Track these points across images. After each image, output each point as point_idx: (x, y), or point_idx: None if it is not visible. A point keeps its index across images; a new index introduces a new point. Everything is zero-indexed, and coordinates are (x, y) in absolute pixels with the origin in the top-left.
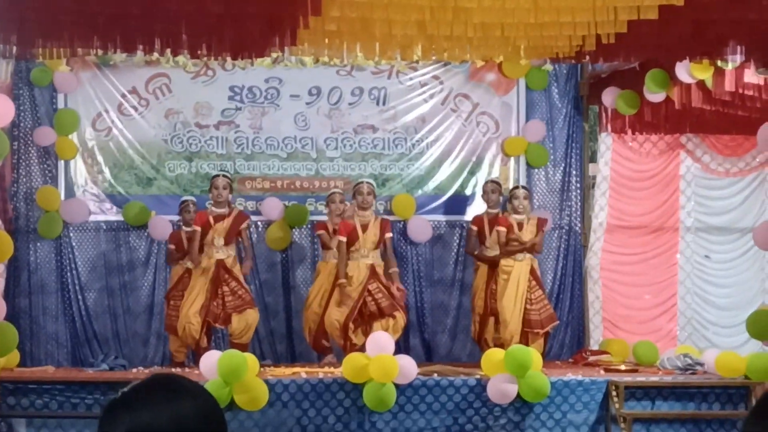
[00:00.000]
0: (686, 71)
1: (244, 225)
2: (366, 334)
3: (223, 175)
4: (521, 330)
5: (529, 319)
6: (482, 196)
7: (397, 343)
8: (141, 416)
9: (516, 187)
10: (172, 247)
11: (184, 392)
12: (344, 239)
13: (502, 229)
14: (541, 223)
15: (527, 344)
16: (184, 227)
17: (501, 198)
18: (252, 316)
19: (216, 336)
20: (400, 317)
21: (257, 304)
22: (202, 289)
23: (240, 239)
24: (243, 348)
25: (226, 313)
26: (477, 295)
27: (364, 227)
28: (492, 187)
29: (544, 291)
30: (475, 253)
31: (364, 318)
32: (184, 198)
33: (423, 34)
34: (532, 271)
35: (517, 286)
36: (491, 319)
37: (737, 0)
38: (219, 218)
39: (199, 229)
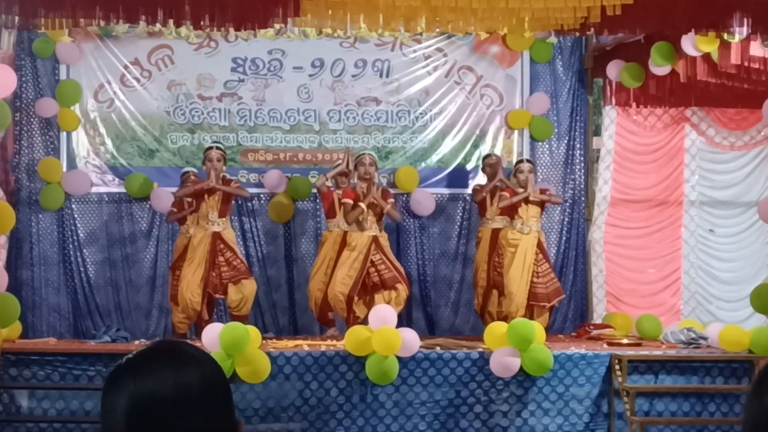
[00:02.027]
0: (692, 44)
1: (233, 183)
2: (368, 305)
3: (217, 147)
4: (527, 303)
5: (535, 292)
6: (482, 170)
7: (399, 316)
8: (145, 382)
9: (520, 161)
10: (174, 209)
11: (190, 359)
12: (351, 202)
13: (506, 194)
14: (544, 190)
15: (532, 318)
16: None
17: (502, 170)
18: (248, 287)
19: (218, 309)
20: (402, 289)
21: (260, 277)
22: (201, 260)
23: (234, 199)
24: (243, 320)
25: (223, 284)
26: (480, 267)
27: (366, 197)
28: (493, 161)
29: (550, 264)
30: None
31: (367, 289)
32: (186, 169)
33: (427, 5)
34: (539, 245)
35: (524, 259)
36: (494, 292)
37: None
38: (211, 191)
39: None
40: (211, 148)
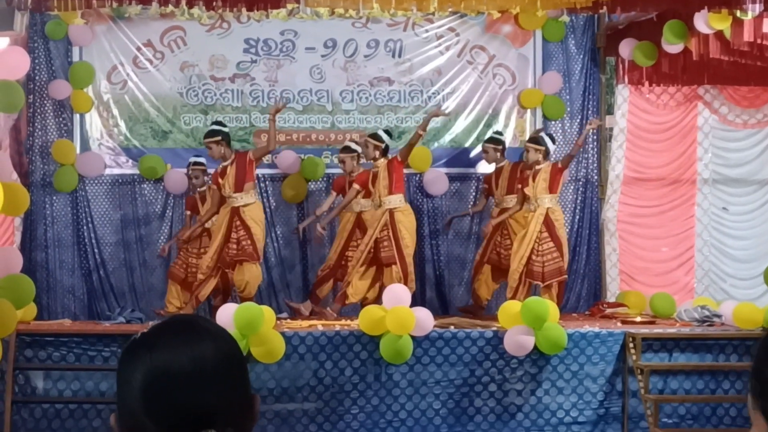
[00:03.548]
0: (704, 22)
1: (249, 154)
2: (374, 280)
3: (195, 163)
4: (522, 279)
5: (531, 269)
6: (484, 152)
7: (413, 296)
8: (161, 356)
9: (531, 141)
10: (188, 213)
11: (205, 334)
12: (360, 189)
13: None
14: (554, 168)
15: (517, 292)
16: (199, 189)
17: (503, 152)
18: (250, 271)
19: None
20: (396, 270)
21: (274, 258)
22: (216, 237)
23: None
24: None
25: (231, 261)
26: (486, 248)
27: (374, 177)
28: (485, 147)
29: (558, 245)
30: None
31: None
32: (193, 159)
33: None
34: (547, 222)
35: (524, 235)
36: (487, 268)
37: None
38: (223, 171)
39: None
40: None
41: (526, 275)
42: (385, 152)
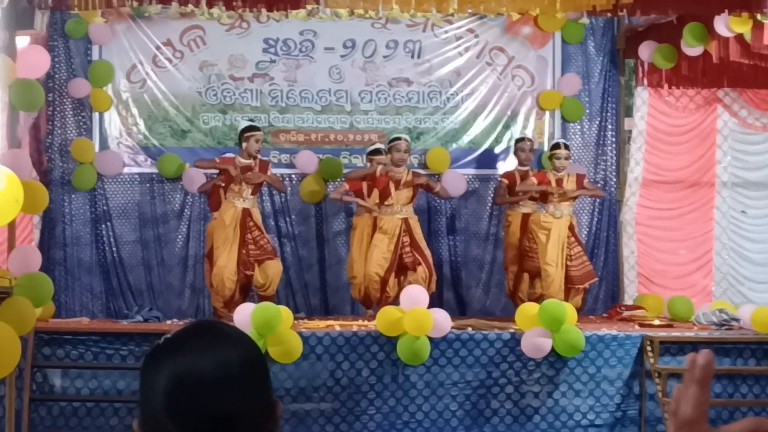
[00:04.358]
0: (724, 24)
1: (269, 171)
2: (400, 285)
3: (259, 129)
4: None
5: (570, 275)
6: (515, 153)
7: (431, 297)
8: (185, 361)
9: (558, 146)
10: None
11: (228, 338)
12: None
13: (533, 179)
14: (580, 179)
15: (567, 300)
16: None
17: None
18: (272, 267)
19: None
20: (422, 270)
21: (292, 257)
22: (234, 239)
23: (268, 184)
24: (269, 300)
25: (251, 262)
26: (510, 251)
27: (397, 183)
28: (530, 146)
29: (582, 247)
30: (507, 198)
31: (399, 270)
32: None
33: None
34: (571, 227)
35: (558, 241)
36: (525, 276)
37: None
38: (246, 169)
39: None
40: (257, 129)
41: (565, 282)
42: None
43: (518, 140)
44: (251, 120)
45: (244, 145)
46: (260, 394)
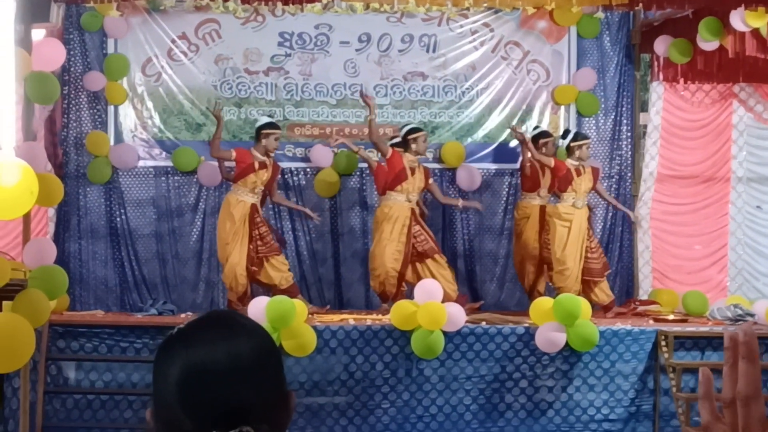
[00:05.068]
0: (740, 19)
1: (278, 177)
2: (416, 274)
3: (279, 128)
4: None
5: (590, 267)
6: (537, 147)
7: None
8: (197, 352)
9: (584, 136)
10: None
11: (242, 330)
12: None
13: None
14: (595, 172)
15: (588, 293)
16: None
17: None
18: (278, 261)
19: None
20: (440, 258)
21: (306, 251)
22: (244, 235)
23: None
24: (292, 292)
25: (259, 258)
26: (530, 245)
27: (412, 171)
28: (553, 141)
29: (597, 239)
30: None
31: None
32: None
33: None
34: (588, 219)
35: (578, 233)
36: (545, 268)
37: None
38: (262, 166)
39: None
40: (277, 128)
41: (584, 274)
42: None
43: (542, 135)
44: (269, 115)
45: (263, 141)
46: (273, 386)
